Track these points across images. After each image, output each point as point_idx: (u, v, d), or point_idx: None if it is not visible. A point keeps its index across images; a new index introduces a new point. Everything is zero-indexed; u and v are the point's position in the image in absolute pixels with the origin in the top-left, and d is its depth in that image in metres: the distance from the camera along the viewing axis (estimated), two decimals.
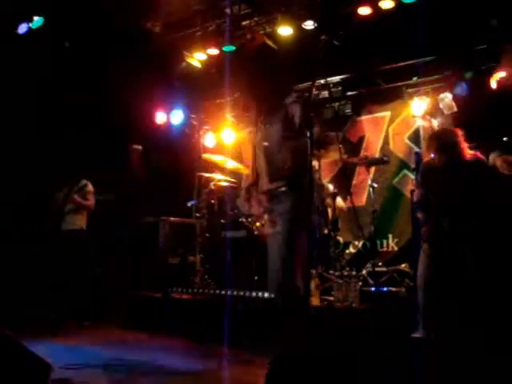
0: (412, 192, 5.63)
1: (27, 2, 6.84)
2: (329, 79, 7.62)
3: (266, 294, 5.21)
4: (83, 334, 5.41)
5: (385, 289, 5.45)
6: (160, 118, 8.23)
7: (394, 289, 5.42)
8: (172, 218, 6.77)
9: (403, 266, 6.06)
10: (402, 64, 7.12)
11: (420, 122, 7.29)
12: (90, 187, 6.99)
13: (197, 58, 7.54)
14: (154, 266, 6.45)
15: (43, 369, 3.22)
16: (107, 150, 7.84)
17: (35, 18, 6.85)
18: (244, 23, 7.18)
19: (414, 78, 7.21)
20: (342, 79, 7.72)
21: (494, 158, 4.12)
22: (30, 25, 6.87)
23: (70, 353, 4.38)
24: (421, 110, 7.10)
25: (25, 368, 3.12)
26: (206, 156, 6.81)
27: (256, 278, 5.57)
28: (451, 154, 4.10)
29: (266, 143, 3.89)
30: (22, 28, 6.89)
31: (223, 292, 5.52)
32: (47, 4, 6.90)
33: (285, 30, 6.82)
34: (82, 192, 6.87)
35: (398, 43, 6.49)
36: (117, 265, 6.90)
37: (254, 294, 5.30)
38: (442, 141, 4.22)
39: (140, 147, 8.07)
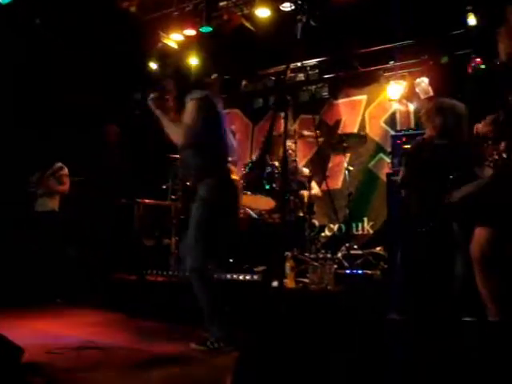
0: (388, 175, 5.66)
1: None
2: (305, 62, 7.60)
3: (241, 277, 5.23)
4: (58, 316, 5.36)
5: (360, 271, 5.50)
6: (135, 98, 8.11)
7: (369, 271, 5.46)
8: (147, 200, 6.72)
9: (378, 248, 6.11)
10: (380, 48, 7.13)
11: (396, 106, 7.34)
12: (65, 170, 6.91)
13: (173, 39, 7.45)
14: (129, 249, 6.41)
15: (13, 352, 3.18)
16: (82, 131, 7.74)
17: None
18: (221, 4, 7.13)
19: (391, 62, 7.23)
20: (318, 62, 7.71)
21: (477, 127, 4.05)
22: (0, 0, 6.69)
23: (45, 335, 4.32)
24: (397, 94, 7.14)
25: None
26: None
27: (231, 260, 5.58)
28: (452, 130, 4.03)
29: None
30: None
31: None
32: None
33: (262, 12, 6.77)
34: (57, 175, 6.79)
35: (375, 26, 6.49)
36: (91, 246, 6.83)
37: (228, 276, 5.31)
38: (449, 112, 4.05)
39: (117, 128, 7.97)
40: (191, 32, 7.27)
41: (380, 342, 2.41)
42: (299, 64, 7.51)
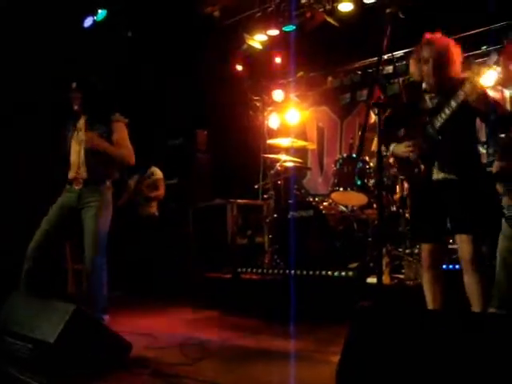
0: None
1: None
2: (393, 53, 7.41)
3: (336, 273, 5.21)
4: (160, 314, 5.58)
5: (458, 266, 5.30)
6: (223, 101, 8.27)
7: None
8: (239, 200, 6.84)
9: None
10: (469, 33, 6.83)
11: (491, 93, 7.01)
12: (159, 174, 7.14)
13: (257, 40, 7.53)
14: (223, 248, 6.55)
15: (123, 347, 3.38)
16: (173, 135, 8.00)
17: (99, 11, 7.02)
18: (303, 1, 7.09)
19: (484, 48, 6.91)
20: (405, 53, 7.50)
21: None
22: (95, 18, 7.05)
23: (149, 332, 4.50)
24: (491, 81, 6.81)
25: (105, 346, 3.29)
26: (270, 142, 6.82)
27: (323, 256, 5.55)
28: None
29: None
30: (88, 21, 7.09)
31: (292, 272, 5.54)
32: None
33: (345, 6, 6.69)
34: (151, 180, 7.04)
35: (466, 9, 6.23)
36: (187, 246, 7.05)
37: (323, 272, 5.31)
38: None
39: (205, 131, 8.18)
40: (275, 32, 7.31)
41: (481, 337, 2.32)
42: (386, 56, 7.34)
